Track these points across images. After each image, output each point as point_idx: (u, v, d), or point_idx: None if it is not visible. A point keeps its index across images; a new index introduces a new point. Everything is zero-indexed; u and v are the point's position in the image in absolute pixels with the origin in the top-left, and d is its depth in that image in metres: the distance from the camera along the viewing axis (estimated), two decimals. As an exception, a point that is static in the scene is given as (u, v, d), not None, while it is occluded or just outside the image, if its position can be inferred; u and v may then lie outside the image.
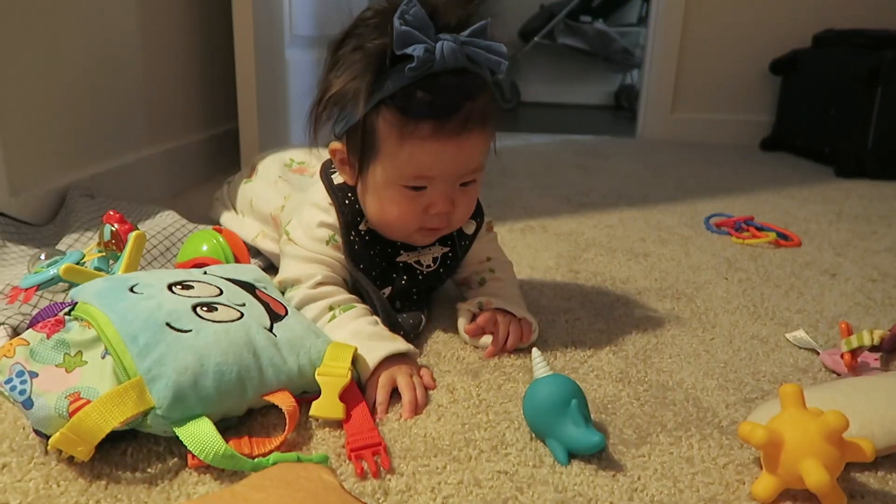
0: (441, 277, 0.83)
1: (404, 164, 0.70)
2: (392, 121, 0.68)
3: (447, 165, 0.70)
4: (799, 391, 0.55)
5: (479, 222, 0.84)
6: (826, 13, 2.29)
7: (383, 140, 0.70)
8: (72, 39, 1.13)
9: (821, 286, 1.03)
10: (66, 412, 0.52)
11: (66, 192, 1.10)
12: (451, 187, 0.72)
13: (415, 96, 0.67)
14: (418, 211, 0.73)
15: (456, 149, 0.69)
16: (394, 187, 0.72)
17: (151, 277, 0.65)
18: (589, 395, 0.68)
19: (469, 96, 0.68)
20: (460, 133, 0.68)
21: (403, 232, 0.76)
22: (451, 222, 0.76)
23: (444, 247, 0.82)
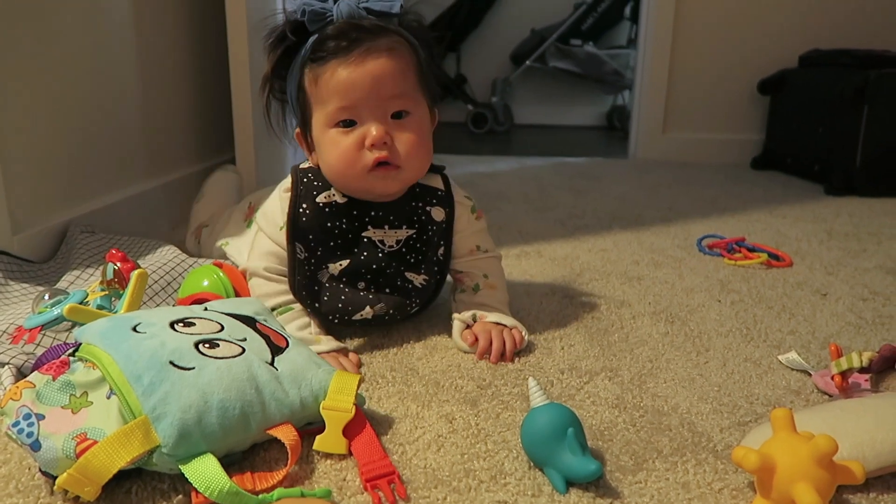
0: (407, 259, 0.86)
1: (326, 103, 0.78)
2: (309, 74, 0.79)
3: (361, 92, 0.77)
4: (789, 415, 0.56)
5: (449, 210, 0.88)
6: (811, 34, 2.33)
7: (311, 94, 0.79)
8: (71, 77, 1.15)
9: (812, 306, 1.04)
10: (74, 453, 0.53)
11: (66, 228, 1.12)
12: (381, 117, 0.78)
13: (322, 44, 0.78)
14: (356, 146, 0.78)
15: (364, 71, 0.76)
16: (329, 132, 0.79)
17: (153, 316, 0.66)
18: (585, 422, 0.69)
19: (369, 32, 0.77)
20: (365, 59, 0.76)
21: (355, 176, 0.79)
22: (397, 158, 0.79)
23: (410, 229, 0.85)
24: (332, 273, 0.84)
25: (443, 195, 0.88)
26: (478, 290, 0.91)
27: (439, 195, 0.88)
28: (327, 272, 0.84)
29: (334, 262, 0.83)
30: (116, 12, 1.28)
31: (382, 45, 0.77)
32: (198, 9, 1.61)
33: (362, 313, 0.84)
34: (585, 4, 3.50)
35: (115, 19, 1.28)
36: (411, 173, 0.82)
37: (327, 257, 0.83)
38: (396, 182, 0.81)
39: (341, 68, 0.76)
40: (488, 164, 2.42)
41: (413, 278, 0.87)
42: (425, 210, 0.86)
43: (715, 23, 2.42)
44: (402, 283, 0.86)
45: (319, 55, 0.78)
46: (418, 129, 0.80)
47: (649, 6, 2.46)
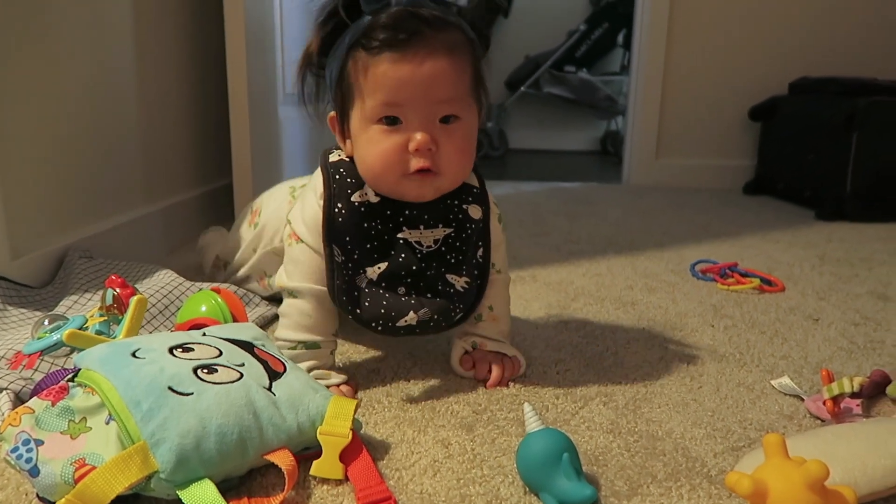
0: (448, 260, 0.80)
1: (372, 96, 0.71)
2: (359, 60, 0.72)
3: (413, 91, 0.71)
4: (781, 441, 0.57)
5: (485, 209, 0.83)
6: (800, 62, 2.37)
7: (354, 82, 0.73)
8: (70, 102, 1.17)
9: (804, 331, 1.05)
10: (72, 479, 0.54)
11: (64, 253, 1.12)
12: (428, 120, 0.72)
13: (375, 30, 0.71)
14: (398, 148, 0.72)
15: (419, 74, 0.70)
16: (370, 127, 0.73)
17: (152, 341, 0.67)
18: (580, 446, 0.70)
19: (430, 25, 0.71)
20: (423, 59, 0.70)
21: (391, 177, 0.74)
22: (438, 164, 0.74)
23: (447, 227, 0.80)
24: (370, 278, 0.78)
25: (478, 193, 0.83)
26: (479, 321, 0.87)
27: (476, 193, 0.82)
28: (365, 277, 0.78)
29: (372, 266, 0.78)
30: (117, 39, 1.30)
31: (443, 42, 0.71)
32: (197, 35, 1.63)
33: (406, 319, 0.78)
34: (579, 32, 3.56)
35: (116, 46, 1.30)
36: (450, 181, 0.77)
37: (364, 261, 0.78)
38: (432, 189, 0.76)
39: (395, 63, 0.70)
40: (484, 189, 2.44)
41: (455, 281, 0.81)
42: (461, 208, 0.81)
43: (706, 50, 2.46)
44: (444, 287, 0.80)
45: (372, 43, 0.71)
46: (465, 137, 0.75)
47: (641, 34, 2.51)
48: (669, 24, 2.45)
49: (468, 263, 0.82)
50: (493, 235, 0.85)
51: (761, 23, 2.42)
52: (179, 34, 1.56)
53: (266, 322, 1.05)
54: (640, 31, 2.52)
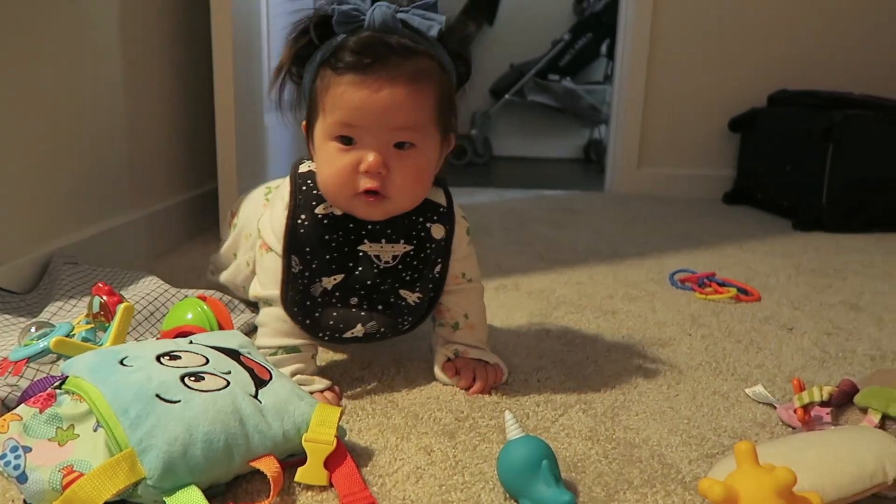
0: (402, 277, 0.82)
1: (331, 113, 0.74)
2: (325, 78, 0.74)
3: (370, 116, 0.72)
4: (752, 448, 0.59)
5: (449, 228, 0.84)
6: (779, 74, 2.42)
7: (319, 98, 0.75)
8: (55, 108, 1.17)
9: (779, 341, 1.08)
10: (60, 486, 0.54)
11: (49, 259, 1.12)
12: (381, 144, 0.74)
13: (343, 52, 0.73)
14: (350, 168, 0.74)
15: (375, 99, 0.72)
16: (328, 143, 0.75)
17: (140, 349, 0.67)
18: (560, 453, 0.71)
19: (397, 52, 0.72)
20: (381, 85, 0.72)
21: (342, 194, 0.76)
22: (388, 188, 0.75)
23: (408, 245, 0.82)
24: (325, 287, 0.81)
25: (444, 212, 0.84)
26: (457, 329, 0.89)
27: (441, 212, 0.84)
28: (321, 286, 0.81)
29: (329, 277, 0.80)
30: (103, 45, 1.30)
31: (406, 71, 0.72)
32: (183, 41, 1.64)
33: (353, 331, 0.82)
34: (563, 41, 3.60)
35: (102, 52, 1.30)
36: (398, 205, 0.79)
37: (322, 271, 0.80)
38: (380, 211, 0.78)
39: (354, 88, 0.72)
40: (468, 196, 2.46)
41: (407, 296, 0.83)
42: (425, 226, 0.83)
43: (688, 62, 2.50)
44: (396, 301, 0.83)
45: (338, 64, 0.73)
46: (418, 163, 0.76)
47: (624, 45, 2.54)
48: (652, 36, 2.48)
49: (423, 280, 0.84)
50: (460, 249, 0.86)
51: (742, 36, 2.47)
52: (166, 40, 1.57)
53: (251, 329, 1.05)
54: (622, 41, 2.56)
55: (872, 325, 1.17)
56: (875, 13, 2.42)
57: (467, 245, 0.88)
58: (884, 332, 1.14)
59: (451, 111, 0.80)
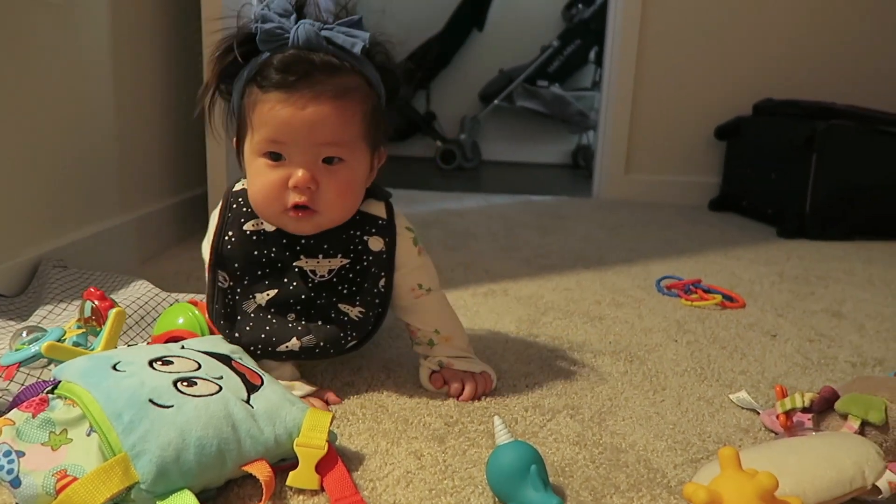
0: (339, 290, 0.82)
1: (259, 130, 0.74)
2: (251, 94, 0.75)
3: (296, 133, 0.73)
4: (735, 454, 0.61)
5: (389, 240, 0.84)
6: (765, 84, 2.45)
7: (247, 115, 0.76)
8: (44, 111, 1.17)
9: (762, 347, 1.10)
10: (54, 490, 0.55)
11: (38, 263, 1.12)
12: (309, 160, 0.75)
13: (268, 70, 0.74)
14: (279, 183, 0.75)
15: (301, 116, 0.73)
16: (257, 160, 0.76)
17: (132, 355, 0.68)
18: (548, 458, 0.73)
19: (321, 70, 0.73)
20: (306, 103, 0.73)
21: (272, 210, 0.77)
22: (317, 203, 0.76)
23: (344, 258, 0.82)
24: (259, 303, 0.81)
25: (383, 224, 0.84)
26: (433, 345, 0.89)
27: (380, 224, 0.84)
28: (254, 302, 0.81)
29: (262, 292, 0.81)
30: (92, 49, 1.31)
31: (330, 89, 0.73)
32: (174, 44, 1.64)
33: (288, 345, 0.80)
34: (552, 47, 3.62)
35: (91, 56, 1.30)
36: (328, 219, 0.79)
37: (254, 287, 0.81)
38: (310, 225, 0.79)
39: (280, 105, 0.73)
40: (457, 202, 2.47)
41: (348, 310, 0.83)
42: (362, 239, 0.83)
43: (675, 70, 2.53)
44: (336, 315, 0.82)
45: (264, 82, 0.74)
46: (347, 178, 0.77)
47: (612, 52, 2.57)
48: (639, 44, 2.51)
49: (364, 294, 0.83)
50: (409, 261, 0.86)
51: (729, 45, 2.50)
52: (156, 44, 1.57)
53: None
54: (610, 49, 2.59)
55: (854, 331, 1.19)
56: (859, 26, 2.46)
57: (417, 255, 0.87)
58: (865, 338, 1.16)
59: (380, 126, 0.80)
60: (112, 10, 1.35)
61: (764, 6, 2.47)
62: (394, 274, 0.85)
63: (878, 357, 1.07)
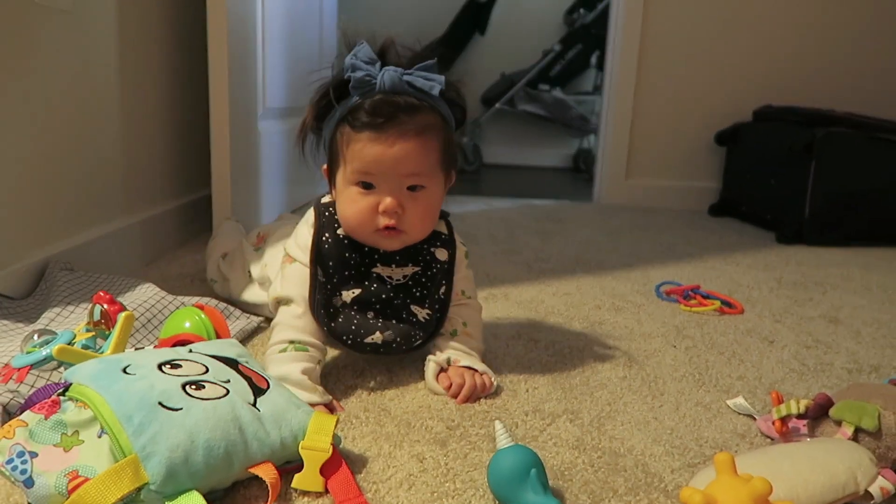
0: (413, 293, 0.93)
1: (352, 164, 0.85)
2: (344, 133, 0.86)
3: (384, 166, 0.84)
4: (731, 459, 0.62)
5: (451, 252, 0.96)
6: (764, 90, 2.47)
7: (341, 150, 0.87)
8: (50, 113, 1.19)
9: (760, 353, 1.11)
10: (66, 490, 0.56)
11: (45, 265, 1.14)
12: (397, 188, 0.85)
13: (359, 112, 0.84)
14: (370, 208, 0.85)
15: (390, 153, 0.83)
16: (349, 187, 0.86)
17: (142, 358, 0.69)
18: (547, 462, 0.74)
19: (405, 111, 0.83)
20: (394, 141, 0.83)
21: (364, 230, 0.88)
22: (404, 224, 0.87)
23: (415, 266, 0.93)
24: (344, 300, 0.90)
25: (446, 238, 0.96)
26: (455, 336, 0.96)
27: (443, 238, 0.96)
28: (340, 298, 0.90)
29: (347, 290, 0.90)
30: (98, 52, 1.32)
31: (413, 127, 0.84)
32: (179, 48, 1.66)
33: (373, 337, 0.90)
34: (554, 52, 3.64)
35: (97, 59, 1.32)
36: (414, 237, 0.90)
37: (341, 284, 0.90)
38: (398, 243, 0.89)
39: (371, 143, 0.84)
40: (458, 205, 2.48)
41: (417, 311, 0.93)
42: (430, 251, 0.94)
43: (676, 76, 2.55)
44: (408, 316, 0.92)
45: (356, 123, 0.84)
46: (429, 202, 0.88)
47: (613, 57, 2.58)
48: (640, 49, 2.53)
49: (431, 298, 0.94)
50: (460, 269, 0.97)
51: (729, 52, 2.52)
52: (161, 47, 1.58)
53: (246, 336, 1.08)
54: (612, 54, 2.60)
55: (850, 338, 1.21)
56: (859, 34, 2.48)
57: (466, 267, 0.99)
58: (861, 345, 1.17)
59: (452, 153, 0.91)
60: (119, 16, 1.37)
61: (764, 14, 2.49)
62: (453, 281, 0.96)
63: (873, 364, 1.09)
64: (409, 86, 0.84)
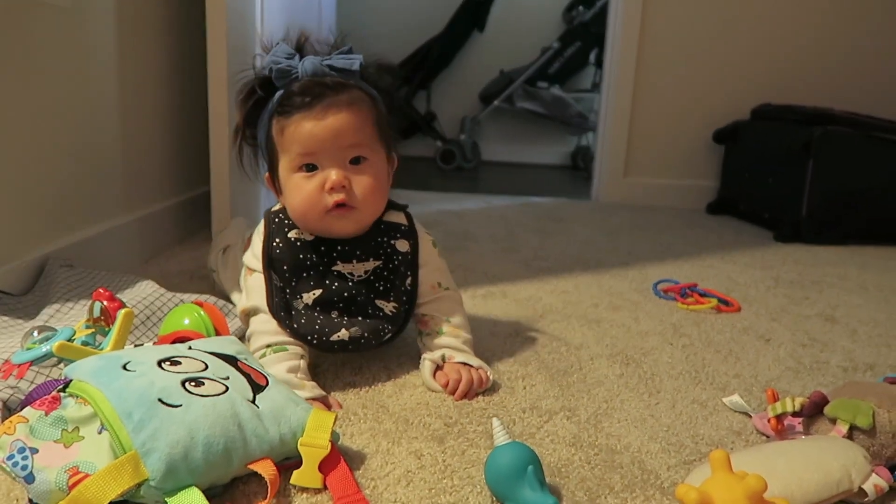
0: (377, 287, 0.92)
1: (290, 150, 0.86)
2: (277, 124, 0.87)
3: (322, 141, 0.84)
4: (726, 457, 0.63)
5: (412, 242, 0.95)
6: (763, 88, 2.47)
7: (277, 142, 0.87)
8: (50, 111, 1.19)
9: (756, 351, 1.12)
10: (66, 486, 0.57)
11: (44, 262, 1.14)
12: (339, 162, 0.86)
13: (287, 100, 0.86)
14: (317, 189, 0.86)
15: (325, 124, 0.84)
16: (293, 176, 0.87)
17: (142, 355, 0.70)
18: (544, 459, 0.74)
19: (331, 88, 0.85)
20: (326, 112, 0.84)
21: (314, 214, 0.87)
22: (353, 200, 0.86)
23: (376, 260, 0.92)
24: (306, 302, 0.90)
25: (406, 229, 0.96)
26: (441, 334, 0.95)
27: (403, 229, 0.95)
28: (302, 301, 0.90)
29: (308, 292, 0.90)
30: (97, 49, 1.32)
31: (343, 100, 0.85)
32: (178, 44, 1.66)
33: (339, 334, 0.89)
34: (553, 49, 3.64)
35: (96, 56, 1.32)
36: (367, 213, 0.90)
37: (301, 287, 0.90)
38: (352, 222, 0.89)
39: (305, 121, 0.84)
40: (456, 203, 2.49)
41: (383, 306, 0.93)
42: (390, 243, 0.94)
43: (675, 74, 2.55)
44: (374, 311, 0.92)
45: (286, 109, 0.86)
46: (374, 174, 0.88)
47: (612, 55, 2.59)
48: (639, 47, 2.53)
49: (396, 291, 0.94)
50: (430, 260, 0.97)
51: (728, 50, 2.52)
52: (160, 46, 1.59)
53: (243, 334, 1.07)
54: (611, 52, 2.60)
55: (846, 337, 1.21)
56: (858, 33, 2.48)
57: (437, 256, 0.98)
58: (857, 343, 1.18)
59: (388, 133, 0.91)
60: (117, 12, 1.37)
61: (764, 12, 2.49)
62: (418, 272, 0.95)
63: (869, 362, 1.09)
64: (330, 68, 0.86)
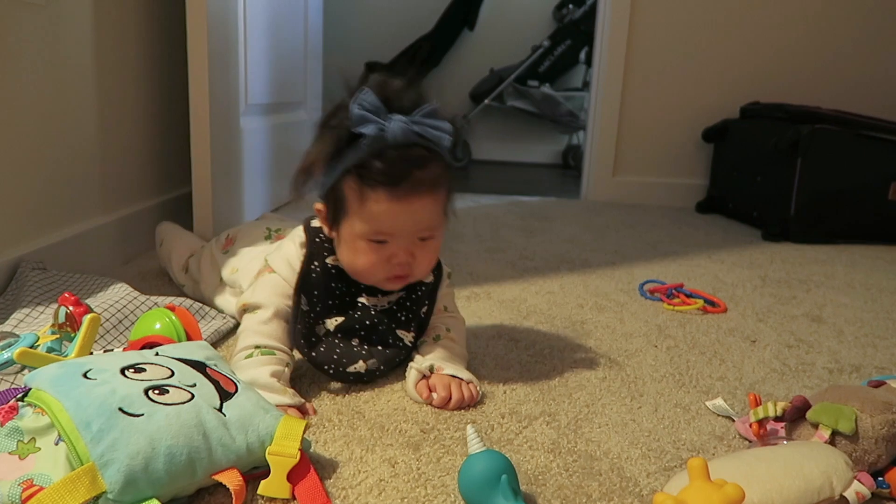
0: (398, 318, 0.93)
1: (366, 223, 0.84)
2: (354, 188, 0.83)
3: (401, 224, 0.84)
4: (704, 465, 0.61)
5: (437, 274, 0.96)
6: (752, 87, 2.46)
7: (349, 203, 0.84)
8: (25, 111, 1.16)
9: (741, 353, 1.11)
10: (20, 499, 0.55)
11: (17, 264, 1.12)
12: (410, 241, 0.85)
13: (371, 167, 0.81)
14: (383, 260, 0.85)
15: (408, 210, 0.83)
16: (361, 241, 0.85)
17: (105, 362, 0.68)
18: (521, 466, 0.73)
19: (417, 166, 0.82)
20: (410, 197, 0.82)
21: (373, 278, 0.88)
22: (413, 271, 0.88)
23: (400, 292, 0.93)
24: (328, 328, 0.90)
25: None
26: (438, 340, 0.95)
27: None
28: (324, 327, 0.90)
29: (330, 318, 0.90)
30: (75, 49, 1.30)
31: (426, 181, 0.83)
32: (159, 44, 1.63)
33: (356, 367, 0.89)
34: (543, 48, 3.63)
35: (73, 56, 1.29)
36: (417, 279, 0.92)
37: (325, 313, 0.90)
38: (403, 285, 0.91)
39: (386, 201, 0.82)
40: (444, 202, 2.47)
41: (404, 336, 0.93)
42: None
43: (664, 72, 2.54)
44: (394, 341, 0.92)
45: (368, 176, 0.81)
46: (436, 247, 0.89)
47: (601, 54, 2.57)
48: (628, 45, 2.52)
49: (416, 320, 0.95)
50: (441, 289, 0.98)
51: (717, 48, 2.51)
52: (139, 43, 1.56)
53: (221, 337, 1.06)
54: (599, 51, 2.59)
55: (832, 337, 1.20)
56: (847, 31, 2.48)
57: (447, 286, 1.00)
58: (843, 344, 1.17)
59: (453, 198, 0.90)
60: (94, 9, 1.34)
61: (752, 10, 2.48)
62: (435, 301, 0.97)
63: (854, 364, 1.08)
64: (418, 136, 0.81)
